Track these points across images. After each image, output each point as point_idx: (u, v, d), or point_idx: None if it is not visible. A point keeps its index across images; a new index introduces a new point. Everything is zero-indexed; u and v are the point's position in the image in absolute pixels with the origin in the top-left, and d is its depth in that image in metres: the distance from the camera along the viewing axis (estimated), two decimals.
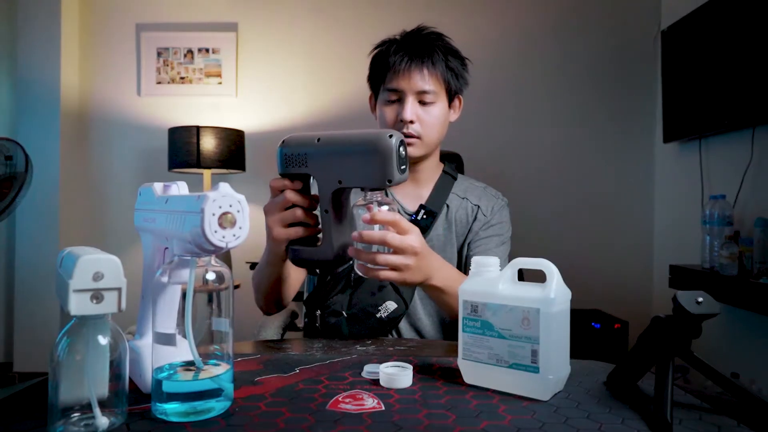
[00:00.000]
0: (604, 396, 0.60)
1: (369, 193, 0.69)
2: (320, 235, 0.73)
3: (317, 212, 0.75)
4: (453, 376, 0.67)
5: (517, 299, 0.60)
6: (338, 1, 2.82)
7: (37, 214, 2.65)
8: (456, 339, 0.66)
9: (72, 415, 0.49)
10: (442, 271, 0.85)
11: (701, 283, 1.95)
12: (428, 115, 1.01)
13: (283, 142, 0.71)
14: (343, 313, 1.01)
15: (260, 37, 2.83)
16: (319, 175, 0.69)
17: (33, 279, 2.66)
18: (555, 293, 0.59)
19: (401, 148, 0.65)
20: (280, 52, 2.83)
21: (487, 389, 0.62)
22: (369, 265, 0.73)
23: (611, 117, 2.78)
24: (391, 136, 0.64)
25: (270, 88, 2.83)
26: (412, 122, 0.99)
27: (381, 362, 0.67)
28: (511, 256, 0.72)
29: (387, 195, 0.71)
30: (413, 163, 1.05)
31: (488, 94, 2.79)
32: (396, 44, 1.03)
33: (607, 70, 2.78)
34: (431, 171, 1.11)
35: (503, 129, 2.79)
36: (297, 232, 0.75)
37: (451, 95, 1.05)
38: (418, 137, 1.01)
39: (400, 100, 1.01)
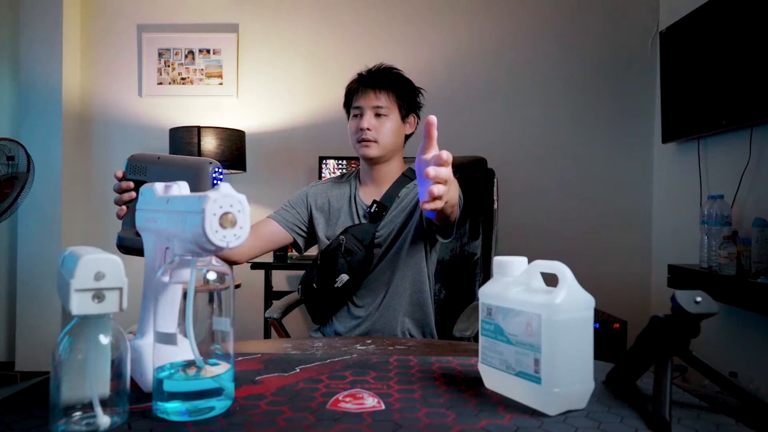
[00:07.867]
0: (603, 395, 0.61)
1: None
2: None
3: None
4: (453, 375, 0.67)
5: (523, 303, 0.57)
6: (338, 3, 2.82)
7: (39, 214, 2.66)
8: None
9: (73, 414, 0.49)
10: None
11: (700, 283, 1.95)
12: (382, 124, 1.26)
13: (131, 156, 0.90)
14: (314, 285, 1.27)
15: (261, 38, 2.84)
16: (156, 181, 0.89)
17: (35, 279, 2.66)
18: (562, 299, 0.54)
19: (216, 170, 0.83)
20: (280, 52, 2.83)
21: (487, 388, 0.62)
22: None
23: (610, 118, 2.78)
24: (210, 163, 0.81)
25: (271, 89, 2.84)
26: (369, 129, 1.24)
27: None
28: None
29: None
30: (374, 163, 1.30)
31: (486, 95, 2.80)
32: (359, 76, 1.31)
33: (605, 71, 2.78)
34: (392, 174, 1.32)
35: (501, 130, 2.79)
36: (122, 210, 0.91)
37: (404, 112, 1.29)
38: (374, 141, 1.25)
39: (362, 115, 1.26)
